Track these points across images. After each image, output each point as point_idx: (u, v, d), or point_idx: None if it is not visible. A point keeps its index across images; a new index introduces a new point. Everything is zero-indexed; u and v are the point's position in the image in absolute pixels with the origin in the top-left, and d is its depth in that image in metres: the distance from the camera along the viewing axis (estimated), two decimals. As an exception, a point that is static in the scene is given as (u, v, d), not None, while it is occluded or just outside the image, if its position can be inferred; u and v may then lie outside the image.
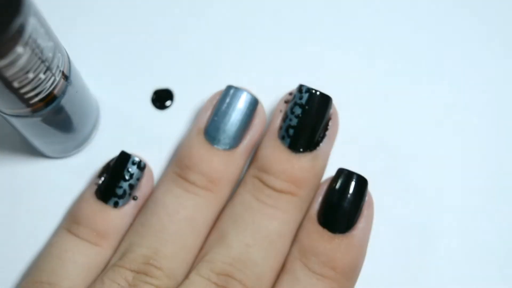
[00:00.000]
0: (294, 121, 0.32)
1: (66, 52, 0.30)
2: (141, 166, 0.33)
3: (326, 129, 0.33)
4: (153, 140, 0.36)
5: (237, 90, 0.33)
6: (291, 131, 0.32)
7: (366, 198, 0.32)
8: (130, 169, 0.33)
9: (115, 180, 0.32)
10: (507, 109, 0.37)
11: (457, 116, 0.37)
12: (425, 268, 0.35)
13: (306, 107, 0.32)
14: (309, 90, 0.33)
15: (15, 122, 0.31)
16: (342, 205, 0.32)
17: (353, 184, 0.32)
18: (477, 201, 0.36)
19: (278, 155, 0.32)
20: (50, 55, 0.27)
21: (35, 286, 0.31)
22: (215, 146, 0.33)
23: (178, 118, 0.36)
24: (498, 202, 0.36)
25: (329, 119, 0.33)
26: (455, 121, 0.37)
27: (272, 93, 0.35)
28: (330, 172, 0.33)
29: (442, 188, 0.36)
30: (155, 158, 0.34)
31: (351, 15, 0.38)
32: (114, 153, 0.34)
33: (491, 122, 0.37)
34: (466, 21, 0.38)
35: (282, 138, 0.32)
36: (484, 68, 0.37)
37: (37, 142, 0.34)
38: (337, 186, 0.32)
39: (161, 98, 0.37)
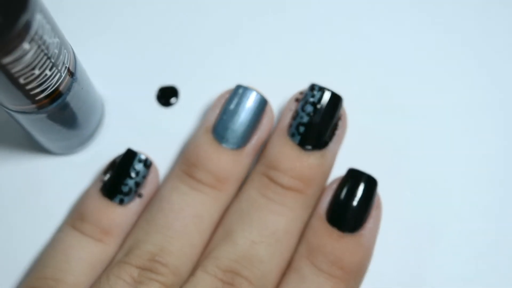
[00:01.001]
0: (305, 119, 0.32)
1: (72, 48, 0.30)
2: (147, 164, 0.33)
3: (335, 128, 0.33)
4: (158, 137, 0.36)
5: (246, 89, 0.33)
6: (301, 129, 0.32)
7: (375, 198, 0.32)
8: (136, 167, 0.33)
9: (121, 177, 0.32)
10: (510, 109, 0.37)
11: (464, 116, 0.37)
12: (431, 268, 0.35)
13: (318, 105, 0.32)
14: (321, 89, 0.33)
15: (21, 118, 0.31)
16: (352, 204, 0.32)
17: (363, 184, 0.32)
18: (483, 201, 0.35)
19: (287, 152, 0.32)
20: (56, 51, 0.27)
21: (39, 282, 0.31)
22: (223, 145, 0.33)
23: (183, 115, 0.36)
24: (505, 202, 0.35)
25: (339, 119, 0.33)
26: (462, 121, 0.36)
27: (277, 91, 0.35)
28: (334, 172, 0.33)
29: (448, 188, 0.36)
30: (160, 155, 0.34)
31: (359, 14, 0.38)
32: (119, 150, 0.34)
33: (498, 123, 0.37)
34: (474, 20, 0.38)
35: (292, 135, 0.32)
36: (492, 68, 0.37)
37: (42, 139, 0.34)
38: (348, 185, 0.32)
39: (166, 95, 0.37)
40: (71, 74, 0.30)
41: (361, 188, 0.32)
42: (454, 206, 0.35)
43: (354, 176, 0.32)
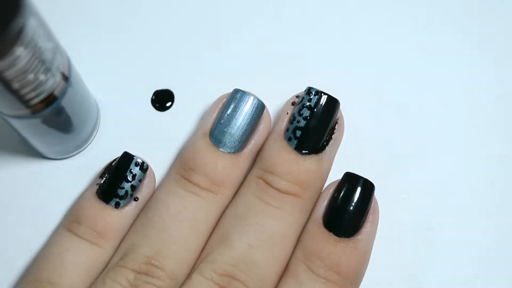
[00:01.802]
0: (302, 123, 0.32)
1: (66, 53, 0.30)
2: (143, 168, 0.33)
3: (332, 132, 0.33)
4: (153, 141, 0.36)
5: (244, 93, 0.33)
6: (298, 133, 0.32)
7: (372, 203, 0.32)
8: (132, 170, 0.33)
9: (117, 181, 0.32)
10: (509, 111, 0.37)
11: (461, 118, 0.37)
12: (428, 272, 0.34)
13: (315, 109, 0.32)
14: (318, 92, 0.33)
15: (15, 123, 0.31)
16: (349, 209, 0.32)
17: (360, 188, 0.32)
18: (480, 204, 0.35)
19: (284, 156, 0.32)
20: (50, 56, 0.27)
21: (35, 285, 0.31)
22: (221, 149, 0.33)
23: (179, 119, 0.36)
24: (502, 205, 0.35)
25: (336, 122, 0.33)
26: (459, 124, 0.36)
27: (272, 94, 0.35)
28: (331, 175, 0.33)
29: (445, 191, 0.36)
30: (155, 159, 0.34)
31: (355, 17, 0.38)
32: (114, 154, 0.33)
33: (497, 124, 0.36)
34: (472, 21, 0.38)
35: (289, 139, 0.32)
36: (485, 70, 0.37)
37: (37, 143, 0.34)
38: (345, 190, 0.32)
39: (161, 99, 0.37)
40: (66, 78, 0.30)
41: (358, 192, 0.32)
42: (451, 209, 0.35)
43: (351, 180, 0.32)
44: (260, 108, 0.33)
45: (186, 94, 0.37)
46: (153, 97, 0.37)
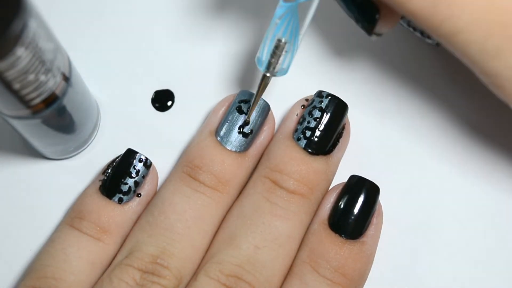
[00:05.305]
0: (313, 124, 0.33)
1: (66, 53, 0.30)
2: (147, 164, 0.33)
3: (339, 136, 0.33)
4: (153, 141, 0.36)
5: (251, 95, 0.33)
6: (308, 133, 0.33)
7: (377, 206, 0.32)
8: (136, 166, 0.33)
9: (121, 176, 0.32)
10: (508, 111, 0.37)
11: (458, 116, 0.37)
12: (426, 270, 0.35)
13: (326, 111, 0.33)
14: (329, 95, 0.33)
15: (16, 123, 0.31)
16: (356, 211, 0.32)
17: (366, 191, 0.32)
18: (478, 202, 0.35)
19: (293, 155, 0.32)
20: (51, 56, 0.28)
21: (40, 281, 0.31)
22: (228, 148, 0.33)
23: (179, 119, 0.36)
24: (499, 203, 0.35)
25: (343, 127, 0.33)
26: (456, 121, 0.37)
27: (271, 96, 0.35)
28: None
29: (443, 189, 0.36)
30: (156, 158, 0.34)
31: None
32: (114, 154, 0.34)
33: (493, 123, 0.37)
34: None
35: (298, 139, 0.33)
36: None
37: (37, 144, 0.34)
38: (351, 192, 0.32)
39: (162, 99, 0.37)
40: (66, 79, 0.30)
41: (364, 195, 0.32)
42: (451, 209, 0.35)
43: (356, 183, 0.33)
44: (266, 109, 0.34)
45: (186, 94, 0.37)
46: (153, 97, 0.37)
